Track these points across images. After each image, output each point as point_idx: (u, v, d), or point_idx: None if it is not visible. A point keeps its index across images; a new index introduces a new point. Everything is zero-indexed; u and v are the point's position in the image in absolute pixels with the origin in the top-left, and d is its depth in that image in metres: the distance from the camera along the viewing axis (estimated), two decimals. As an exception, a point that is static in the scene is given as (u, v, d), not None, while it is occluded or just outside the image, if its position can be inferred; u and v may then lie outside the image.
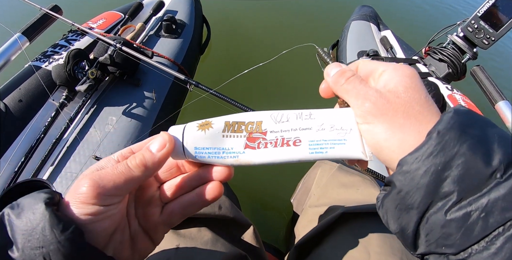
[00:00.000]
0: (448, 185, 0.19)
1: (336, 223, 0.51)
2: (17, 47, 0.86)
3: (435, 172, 0.20)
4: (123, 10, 1.20)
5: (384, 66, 0.26)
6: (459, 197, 0.19)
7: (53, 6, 0.97)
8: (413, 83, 0.24)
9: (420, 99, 0.23)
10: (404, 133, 0.22)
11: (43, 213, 0.22)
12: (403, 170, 0.21)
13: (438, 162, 0.20)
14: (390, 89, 0.24)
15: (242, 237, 0.52)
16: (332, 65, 0.28)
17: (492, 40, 0.98)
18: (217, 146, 0.27)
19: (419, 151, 0.21)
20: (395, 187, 0.21)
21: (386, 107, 0.23)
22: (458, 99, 1.00)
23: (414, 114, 0.23)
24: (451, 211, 0.19)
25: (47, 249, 0.21)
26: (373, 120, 0.24)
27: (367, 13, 1.41)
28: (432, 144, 0.20)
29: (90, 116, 0.86)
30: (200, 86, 0.78)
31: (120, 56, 0.90)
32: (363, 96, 0.24)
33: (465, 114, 0.21)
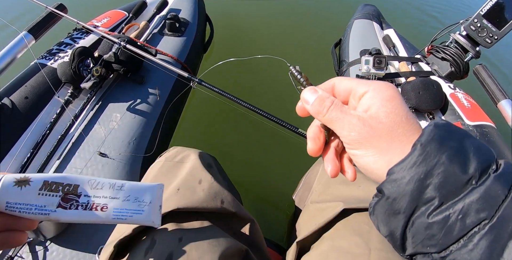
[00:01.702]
0: (430, 191, 0.22)
1: (337, 219, 0.52)
2: (23, 45, 0.87)
3: (418, 180, 0.22)
4: (127, 8, 1.21)
5: (364, 86, 0.27)
6: (440, 202, 0.21)
7: (59, 4, 0.98)
8: (393, 107, 0.25)
9: (401, 122, 0.25)
10: (389, 155, 0.24)
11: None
12: (390, 179, 0.23)
13: (421, 171, 0.22)
14: (371, 114, 0.25)
15: (243, 232, 0.52)
16: (308, 91, 0.29)
17: (495, 39, 0.98)
18: (30, 202, 0.30)
19: (404, 161, 0.23)
20: (384, 194, 0.24)
21: (370, 135, 0.25)
22: (460, 98, 1.00)
23: (397, 136, 0.25)
24: (433, 215, 0.21)
25: None
26: (360, 146, 0.25)
27: (370, 11, 1.41)
28: (415, 154, 0.22)
29: (95, 113, 0.87)
30: (203, 84, 0.78)
31: (124, 54, 0.91)
32: (348, 126, 0.26)
33: (443, 127, 0.24)
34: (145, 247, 0.43)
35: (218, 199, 0.50)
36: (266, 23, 1.84)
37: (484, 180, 0.21)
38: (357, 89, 0.27)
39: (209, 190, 0.51)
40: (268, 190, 1.11)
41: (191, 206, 0.47)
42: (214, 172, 0.57)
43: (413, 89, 0.96)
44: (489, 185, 0.21)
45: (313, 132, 0.30)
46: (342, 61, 1.26)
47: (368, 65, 1.03)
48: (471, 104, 0.98)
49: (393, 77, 1.09)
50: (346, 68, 1.18)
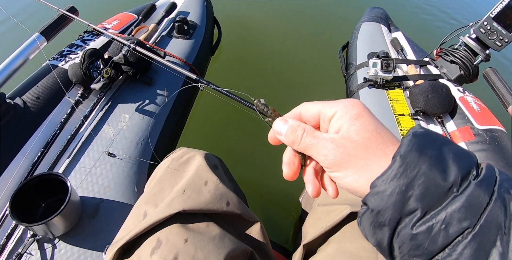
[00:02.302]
0: (412, 203, 0.22)
1: (344, 222, 0.51)
2: (35, 47, 0.89)
3: (400, 192, 0.22)
4: (137, 11, 1.23)
5: (330, 108, 0.27)
6: (423, 213, 0.21)
7: (70, 7, 1.00)
8: (362, 124, 0.26)
9: (373, 137, 0.25)
10: (369, 171, 0.25)
11: None
12: (373, 192, 0.23)
13: (402, 183, 0.22)
14: (343, 135, 0.26)
15: (249, 233, 0.52)
16: (279, 122, 0.30)
17: (505, 42, 0.97)
18: None
19: (385, 174, 0.23)
20: (368, 208, 0.24)
21: (346, 155, 0.25)
22: (469, 102, 0.98)
23: (372, 151, 0.25)
24: (416, 225, 0.22)
25: None
26: (339, 168, 0.26)
27: (377, 14, 1.41)
28: (395, 166, 0.23)
29: (104, 113, 0.89)
30: (211, 86, 0.79)
31: (134, 56, 0.92)
32: (323, 151, 0.26)
33: (422, 136, 0.24)
34: (151, 247, 0.44)
35: (224, 201, 0.50)
36: (274, 26, 1.84)
37: (465, 187, 0.21)
38: (325, 112, 0.28)
39: (215, 191, 0.51)
40: (274, 192, 1.10)
41: (196, 208, 0.47)
42: (220, 173, 0.57)
43: (422, 92, 0.95)
44: (470, 193, 0.21)
45: (288, 157, 0.30)
46: (349, 64, 1.26)
47: (376, 68, 1.02)
48: (480, 108, 0.96)
49: (401, 81, 1.09)
50: (354, 71, 1.18)
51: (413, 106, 0.98)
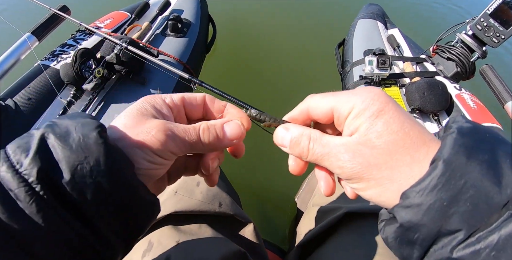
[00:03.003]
0: (456, 222, 0.18)
1: (339, 222, 0.51)
2: (26, 47, 0.88)
3: (440, 208, 0.18)
4: (130, 9, 1.21)
5: (347, 104, 0.22)
6: (467, 235, 0.17)
7: (62, 6, 0.99)
8: (385, 124, 0.21)
9: (399, 139, 0.20)
10: (396, 183, 0.20)
11: (96, 143, 0.21)
12: (404, 204, 0.19)
13: (444, 197, 0.18)
14: (361, 139, 0.21)
15: (242, 234, 0.52)
16: (280, 132, 0.25)
17: (502, 39, 0.96)
18: None
19: (421, 183, 0.19)
20: (396, 221, 0.20)
21: (366, 166, 0.21)
22: (466, 99, 0.98)
23: (400, 159, 0.20)
24: (457, 249, 0.17)
25: (100, 179, 0.20)
26: (359, 180, 0.21)
27: (374, 11, 1.40)
28: (436, 174, 0.18)
29: (97, 114, 0.88)
30: (204, 85, 0.78)
31: (126, 55, 0.91)
32: (337, 163, 0.22)
33: (470, 135, 0.19)
34: (142, 249, 0.43)
35: (216, 202, 0.50)
36: (269, 23, 1.83)
37: None
38: (340, 110, 0.22)
39: (207, 192, 0.50)
40: (270, 192, 1.10)
41: (188, 209, 0.47)
42: (212, 173, 0.56)
43: (418, 90, 0.95)
44: None
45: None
46: (345, 62, 1.25)
47: (371, 66, 1.01)
48: (477, 106, 0.96)
49: (397, 78, 1.08)
50: (350, 69, 1.17)
51: (409, 104, 0.97)
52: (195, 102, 0.28)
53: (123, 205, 0.22)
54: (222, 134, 0.26)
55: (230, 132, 0.26)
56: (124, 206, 0.22)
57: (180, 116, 0.27)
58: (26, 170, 0.19)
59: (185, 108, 0.28)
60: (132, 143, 0.23)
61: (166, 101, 0.26)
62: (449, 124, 0.20)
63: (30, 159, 0.20)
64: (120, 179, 0.21)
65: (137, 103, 0.25)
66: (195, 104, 0.28)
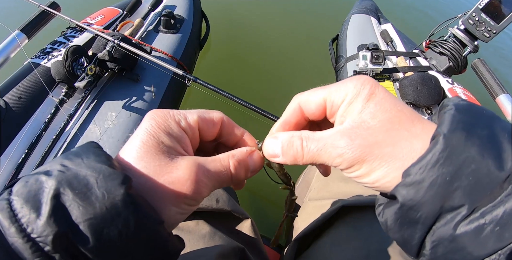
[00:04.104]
0: (458, 197, 0.17)
1: (335, 216, 0.51)
2: (15, 45, 0.86)
3: (443, 184, 0.17)
4: (122, 6, 1.19)
5: (338, 92, 0.22)
6: (470, 209, 0.17)
7: (51, 3, 0.97)
8: (377, 104, 0.20)
9: (394, 116, 0.20)
10: (399, 159, 0.19)
11: (124, 202, 0.18)
12: (406, 182, 0.18)
13: (446, 171, 0.17)
14: (354, 123, 0.21)
15: (239, 230, 0.52)
16: (269, 142, 0.24)
17: (493, 33, 0.97)
18: None
19: (423, 160, 0.18)
20: (397, 201, 0.19)
21: (366, 146, 0.20)
22: (458, 93, 0.99)
23: (398, 134, 0.20)
24: (461, 225, 0.17)
25: (130, 242, 0.18)
26: (362, 164, 0.20)
27: (367, 6, 1.40)
28: (437, 150, 0.18)
29: (90, 112, 0.87)
30: (198, 81, 0.78)
31: (119, 52, 0.89)
32: (335, 151, 0.21)
33: (467, 111, 0.19)
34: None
35: (213, 198, 0.50)
36: (263, 18, 1.82)
37: None
38: (334, 99, 0.22)
39: (204, 189, 0.50)
40: (266, 187, 1.10)
41: None
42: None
43: (411, 84, 0.95)
44: None
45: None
46: (339, 57, 1.25)
47: (365, 61, 1.02)
48: (469, 99, 0.97)
49: (391, 73, 1.09)
50: (344, 64, 1.18)
51: (402, 98, 0.98)
52: (212, 124, 0.25)
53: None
54: (248, 166, 0.25)
55: (254, 165, 0.25)
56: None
57: (195, 139, 0.25)
58: (40, 237, 0.17)
59: (200, 130, 0.25)
60: (163, 198, 0.21)
61: (182, 125, 0.23)
62: (446, 103, 0.20)
63: (44, 223, 0.17)
64: (152, 240, 0.19)
65: (149, 131, 0.22)
66: (212, 126, 0.25)
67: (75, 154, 0.20)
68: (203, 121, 0.25)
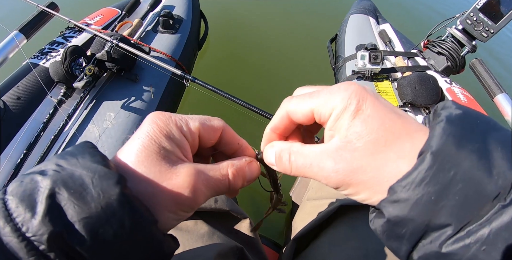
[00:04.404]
0: (444, 216, 0.17)
1: (334, 216, 0.51)
2: (14, 45, 0.86)
3: (428, 203, 0.17)
4: (120, 6, 1.19)
5: (325, 105, 0.21)
6: (456, 230, 0.17)
7: (50, 3, 0.97)
8: (364, 123, 0.19)
9: (380, 137, 0.19)
10: (384, 184, 0.19)
11: (120, 203, 0.18)
12: (391, 199, 0.18)
13: (432, 191, 0.17)
14: (341, 143, 0.20)
15: (238, 230, 0.52)
16: (267, 150, 0.25)
17: (491, 33, 0.98)
18: None
19: (408, 177, 0.18)
20: (383, 216, 0.19)
21: (350, 171, 0.20)
22: (456, 93, 0.99)
23: (384, 157, 0.19)
24: (446, 244, 0.17)
25: (125, 243, 0.18)
26: (348, 186, 0.20)
27: (366, 6, 1.40)
28: (424, 168, 0.17)
29: (89, 112, 0.87)
30: (197, 81, 0.78)
31: (117, 52, 0.90)
32: (321, 173, 0.21)
33: (460, 122, 0.18)
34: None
35: (212, 198, 0.50)
36: (262, 18, 1.82)
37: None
38: (321, 113, 0.21)
39: (202, 188, 0.50)
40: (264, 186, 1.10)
41: None
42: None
43: (409, 84, 0.96)
44: None
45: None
46: (338, 57, 1.25)
47: (364, 61, 1.02)
48: (467, 99, 0.97)
49: (389, 72, 1.09)
50: (342, 64, 1.18)
51: (401, 98, 0.98)
52: (213, 131, 0.25)
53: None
54: (245, 175, 0.25)
55: (251, 175, 0.26)
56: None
57: (194, 145, 0.25)
58: (35, 236, 0.17)
59: (200, 136, 0.25)
60: (161, 204, 0.21)
61: (183, 131, 0.23)
62: (438, 111, 0.19)
63: (39, 222, 0.17)
64: (147, 241, 0.20)
65: (150, 135, 0.22)
66: (212, 133, 0.25)
67: (70, 154, 0.20)
68: (204, 128, 0.25)
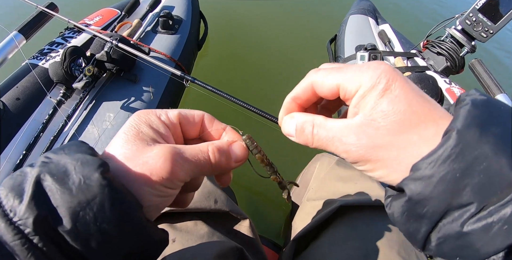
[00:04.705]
0: (467, 194, 0.17)
1: (333, 216, 0.52)
2: (13, 46, 0.86)
3: (453, 180, 0.17)
4: (120, 6, 1.19)
5: (352, 81, 0.21)
6: (479, 208, 0.17)
7: (49, 3, 0.97)
8: (391, 103, 0.20)
9: (406, 119, 0.19)
10: (403, 164, 0.19)
11: (100, 186, 0.19)
12: (415, 176, 0.18)
13: (457, 168, 0.17)
14: (365, 119, 0.20)
15: (238, 230, 0.52)
16: (286, 121, 0.25)
17: (490, 33, 0.98)
18: None
19: (434, 154, 0.18)
20: (404, 195, 0.19)
21: (371, 147, 0.20)
22: (456, 93, 0.99)
23: (407, 138, 0.19)
24: (468, 223, 0.17)
25: (106, 226, 0.19)
26: (366, 162, 0.21)
27: (365, 7, 1.41)
28: (449, 145, 0.17)
29: (88, 113, 0.87)
30: (196, 82, 0.78)
31: (117, 53, 0.89)
32: (342, 147, 0.21)
33: (484, 107, 0.18)
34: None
35: (212, 198, 0.50)
36: (261, 19, 1.83)
37: None
38: (347, 88, 0.21)
39: (202, 189, 0.50)
40: (264, 187, 1.10)
41: None
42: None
43: (409, 84, 0.96)
44: None
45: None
46: (337, 57, 1.25)
47: (363, 61, 1.02)
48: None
49: (388, 73, 1.09)
50: (342, 64, 1.18)
51: (401, 98, 0.98)
52: (193, 120, 0.26)
53: (132, 251, 0.20)
54: (230, 155, 0.25)
55: (237, 154, 0.25)
56: (134, 252, 0.20)
57: (177, 135, 0.26)
58: (21, 220, 0.18)
59: (182, 126, 0.26)
60: (137, 179, 0.21)
61: (162, 119, 0.24)
62: (463, 97, 0.20)
63: (25, 207, 0.18)
64: (128, 224, 0.20)
65: (131, 124, 0.23)
66: (193, 122, 0.26)
67: (59, 148, 0.21)
68: (184, 116, 0.26)
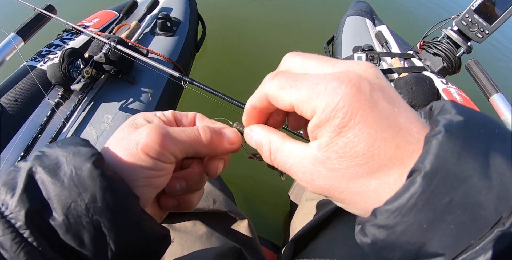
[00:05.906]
0: (435, 246, 0.15)
1: (332, 216, 0.52)
2: (11, 48, 0.86)
3: (419, 231, 0.15)
4: (118, 8, 1.20)
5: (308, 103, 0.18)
6: (449, 259, 0.15)
7: (47, 5, 0.97)
8: (347, 145, 0.16)
9: (363, 163, 0.16)
10: (360, 205, 0.17)
11: (91, 176, 0.18)
12: (376, 223, 0.16)
13: (423, 219, 0.15)
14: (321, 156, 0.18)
15: (236, 230, 0.52)
16: (248, 134, 0.23)
17: (486, 34, 0.99)
18: None
19: (397, 200, 0.15)
20: (367, 238, 0.17)
21: (326, 189, 0.18)
22: (453, 93, 1.00)
23: (364, 185, 0.17)
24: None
25: (99, 218, 0.18)
26: (326, 196, 0.19)
27: (362, 8, 1.41)
28: (416, 192, 0.15)
29: (86, 114, 0.87)
30: (195, 83, 0.78)
31: (115, 55, 0.90)
32: (301, 182, 0.20)
33: (461, 133, 0.15)
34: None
35: (210, 199, 0.50)
36: (260, 20, 1.83)
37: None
38: (302, 111, 0.18)
39: (200, 190, 0.50)
40: (262, 187, 1.10)
41: None
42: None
43: (406, 85, 0.96)
44: None
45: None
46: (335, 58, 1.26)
47: (360, 62, 1.03)
48: (463, 99, 0.98)
49: (385, 73, 1.10)
50: (339, 65, 1.18)
51: (398, 99, 0.99)
52: (186, 119, 0.27)
53: (128, 247, 0.19)
54: (222, 135, 0.25)
55: (229, 135, 0.25)
56: (130, 247, 0.19)
57: (171, 125, 0.26)
58: (12, 213, 0.17)
59: (177, 122, 0.27)
60: (126, 154, 0.20)
61: (157, 115, 0.25)
62: (436, 117, 0.17)
63: (17, 200, 0.17)
64: (122, 215, 0.19)
65: (128, 119, 0.25)
66: (186, 121, 0.27)
67: (54, 142, 0.22)
68: (178, 113, 0.27)
